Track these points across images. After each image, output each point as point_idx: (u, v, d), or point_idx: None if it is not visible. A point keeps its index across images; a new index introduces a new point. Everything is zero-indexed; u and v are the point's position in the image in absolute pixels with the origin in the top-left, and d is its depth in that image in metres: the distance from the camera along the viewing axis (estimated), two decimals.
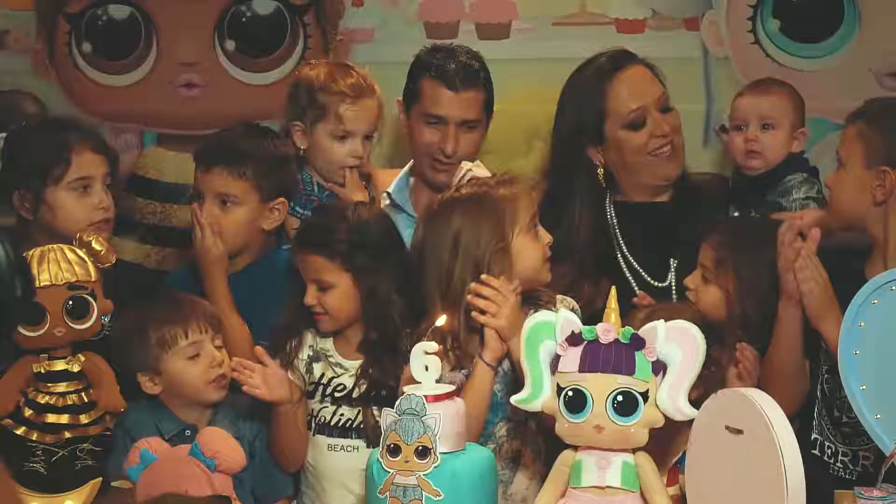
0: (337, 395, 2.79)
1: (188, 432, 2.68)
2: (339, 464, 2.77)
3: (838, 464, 2.64)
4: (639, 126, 3.12)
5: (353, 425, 2.77)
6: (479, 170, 2.98)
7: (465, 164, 2.98)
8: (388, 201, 3.29)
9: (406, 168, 3.37)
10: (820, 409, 2.67)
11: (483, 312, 2.61)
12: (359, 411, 2.76)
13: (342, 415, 2.78)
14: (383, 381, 2.73)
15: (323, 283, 2.75)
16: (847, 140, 2.72)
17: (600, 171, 3.16)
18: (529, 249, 2.70)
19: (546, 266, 2.73)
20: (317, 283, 2.75)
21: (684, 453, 2.25)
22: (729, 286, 2.75)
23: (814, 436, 2.68)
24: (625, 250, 3.15)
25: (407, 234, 3.01)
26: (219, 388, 2.71)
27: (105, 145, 3.03)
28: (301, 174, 3.15)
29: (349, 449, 2.77)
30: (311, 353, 2.81)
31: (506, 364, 2.69)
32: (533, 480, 2.69)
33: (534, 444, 2.69)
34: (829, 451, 2.65)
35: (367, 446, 2.74)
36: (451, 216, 2.70)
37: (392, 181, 3.34)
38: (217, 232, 2.93)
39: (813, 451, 2.66)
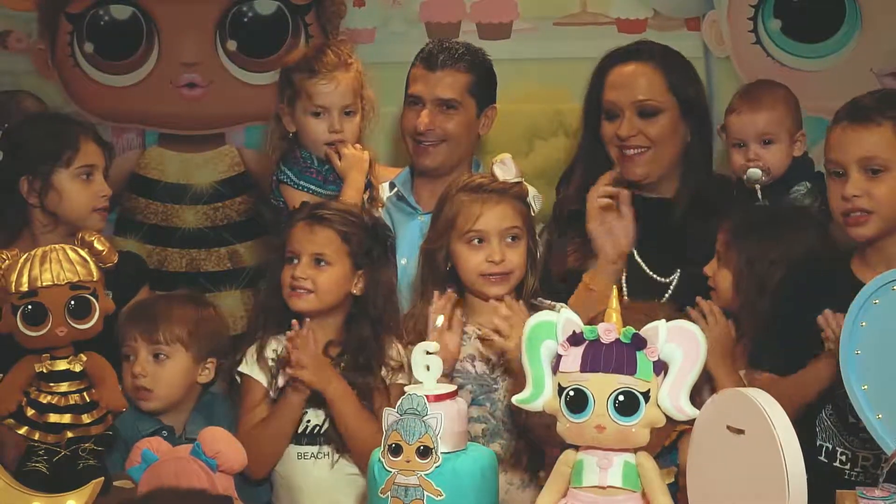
0: None
1: (164, 433, 2.72)
2: (312, 472, 2.73)
3: (858, 468, 2.59)
4: (611, 118, 3.10)
5: (321, 431, 2.74)
6: (505, 167, 2.86)
7: (500, 156, 2.90)
8: (390, 192, 3.28)
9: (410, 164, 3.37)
10: (829, 415, 2.63)
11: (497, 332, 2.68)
12: (326, 416, 2.73)
13: (309, 421, 2.74)
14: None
15: (322, 258, 2.75)
16: (882, 143, 2.56)
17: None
18: (462, 258, 2.76)
19: (483, 280, 2.75)
20: (314, 256, 2.75)
21: (664, 447, 2.29)
22: (735, 268, 2.78)
23: (819, 442, 2.66)
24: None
25: (409, 224, 3.02)
26: (137, 397, 2.81)
27: (103, 139, 3.15)
28: (300, 151, 3.16)
29: (320, 456, 2.74)
30: (275, 358, 2.77)
31: (479, 367, 2.75)
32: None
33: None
34: (844, 458, 2.61)
35: (337, 451, 2.72)
36: (446, 199, 2.84)
37: (393, 176, 3.34)
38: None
39: (819, 458, 2.62)
